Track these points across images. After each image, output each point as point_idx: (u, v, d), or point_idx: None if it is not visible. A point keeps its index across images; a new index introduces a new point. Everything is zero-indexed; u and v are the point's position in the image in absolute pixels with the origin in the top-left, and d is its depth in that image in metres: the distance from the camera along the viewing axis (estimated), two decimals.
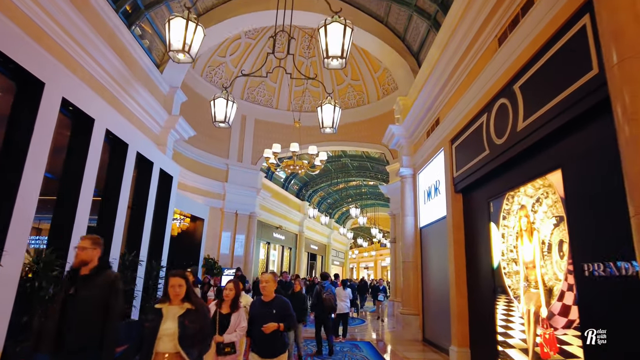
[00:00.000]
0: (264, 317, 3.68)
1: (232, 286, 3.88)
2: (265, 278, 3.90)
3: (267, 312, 3.72)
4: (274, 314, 3.70)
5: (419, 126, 8.68)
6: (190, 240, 14.59)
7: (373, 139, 16.38)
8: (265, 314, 3.71)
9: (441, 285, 7.33)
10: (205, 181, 15.09)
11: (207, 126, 16.02)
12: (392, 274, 14.30)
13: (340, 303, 8.50)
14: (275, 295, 3.90)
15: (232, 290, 3.85)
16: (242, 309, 3.83)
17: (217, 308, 3.81)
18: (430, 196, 8.05)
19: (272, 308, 3.76)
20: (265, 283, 3.87)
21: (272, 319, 3.67)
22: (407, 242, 8.85)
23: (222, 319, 3.73)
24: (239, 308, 3.79)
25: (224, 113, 7.36)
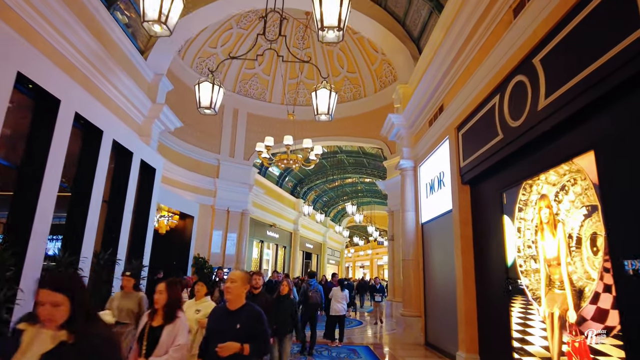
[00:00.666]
0: (224, 333, 2.60)
1: (164, 288, 2.86)
2: (232, 276, 2.81)
3: (229, 326, 2.64)
4: (238, 330, 2.62)
5: (420, 115, 8.11)
6: (180, 239, 13.95)
7: (370, 133, 15.81)
8: (226, 329, 2.63)
9: (446, 285, 6.77)
10: (195, 177, 14.45)
11: (198, 120, 15.39)
12: (390, 272, 13.75)
13: (337, 304, 7.93)
14: (245, 302, 2.80)
15: (163, 293, 2.84)
16: (180, 320, 2.82)
17: (148, 319, 2.86)
18: (433, 189, 7.49)
19: (237, 320, 2.67)
20: (231, 283, 2.74)
21: (233, 335, 2.58)
22: (407, 239, 8.29)
23: (151, 333, 2.75)
24: (175, 319, 2.80)
25: (209, 98, 6.75)
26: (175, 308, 2.85)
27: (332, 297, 8.09)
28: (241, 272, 2.89)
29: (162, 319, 2.80)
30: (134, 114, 8.46)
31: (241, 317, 2.69)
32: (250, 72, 16.43)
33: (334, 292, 8.07)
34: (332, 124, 16.89)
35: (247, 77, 16.49)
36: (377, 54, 15.26)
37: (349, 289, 9.30)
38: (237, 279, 2.77)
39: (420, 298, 7.96)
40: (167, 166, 13.20)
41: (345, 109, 16.66)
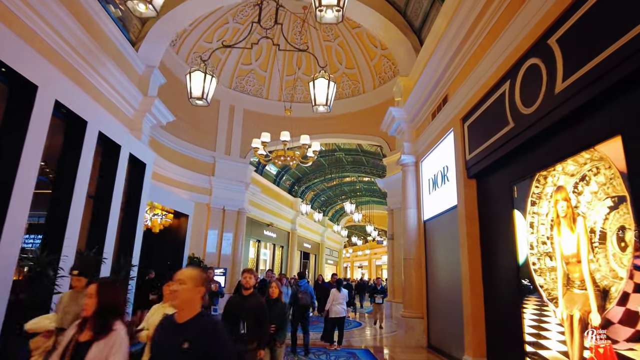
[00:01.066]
0: (167, 353, 1.99)
1: (94, 291, 2.18)
2: (179, 276, 2.08)
3: (174, 344, 1.95)
4: (185, 351, 1.91)
5: (422, 107, 7.78)
6: (174, 238, 13.57)
7: (369, 130, 15.48)
8: (170, 347, 1.97)
9: (450, 285, 6.44)
10: (190, 175, 14.08)
11: (193, 116, 15.04)
12: (390, 272, 13.42)
13: (336, 306, 7.57)
14: (198, 312, 2.06)
15: (93, 297, 2.16)
16: (116, 334, 2.13)
17: (74, 332, 2.17)
18: (437, 185, 7.15)
19: (184, 336, 1.96)
20: (178, 285, 2.03)
21: (177, 356, 1.93)
22: (409, 237, 7.95)
23: (77, 351, 2.07)
24: (108, 332, 2.11)
25: (201, 88, 6.42)
26: (109, 318, 2.15)
27: (331, 298, 7.71)
28: (193, 270, 2.15)
29: (92, 331, 2.11)
30: (124, 107, 8.10)
31: (191, 331, 1.98)
32: (247, 68, 16.08)
33: (333, 293, 7.70)
34: (331, 120, 16.57)
35: (243, 73, 16.14)
36: (376, 49, 14.94)
37: (347, 289, 8.92)
38: (186, 280, 2.05)
39: (422, 298, 7.62)
40: (162, 163, 12.84)
41: (343, 105, 16.33)
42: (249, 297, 3.95)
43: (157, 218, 12.40)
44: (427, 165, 7.77)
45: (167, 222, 13.09)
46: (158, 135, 12.85)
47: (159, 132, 12.93)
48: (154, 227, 12.59)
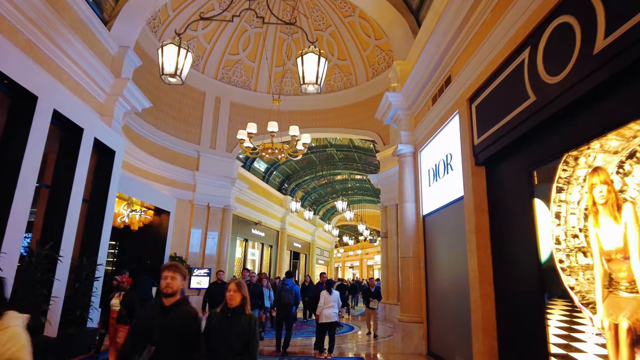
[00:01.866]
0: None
1: None
2: None
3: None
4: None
5: (422, 92, 7.10)
6: (154, 236, 12.75)
7: (362, 123, 14.82)
8: None
9: (454, 286, 5.77)
10: (172, 169, 13.25)
11: (176, 108, 14.21)
12: (384, 272, 12.74)
13: (327, 310, 6.84)
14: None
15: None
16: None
17: None
18: (438, 176, 6.48)
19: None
20: None
21: None
22: (406, 234, 7.27)
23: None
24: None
25: (174, 64, 5.63)
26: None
27: (321, 302, 6.95)
28: None
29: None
30: (94, 90, 7.29)
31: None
32: (234, 58, 15.30)
33: (323, 295, 6.96)
34: (322, 114, 15.88)
35: (230, 63, 15.35)
36: (370, 39, 14.28)
37: (340, 290, 8.19)
38: None
39: (421, 301, 6.94)
40: (141, 156, 12.01)
41: (335, 98, 15.65)
42: (172, 308, 2.57)
43: (136, 214, 11.55)
44: (427, 155, 7.10)
45: (147, 219, 12.27)
46: (137, 127, 12.02)
47: (139, 123, 12.11)
48: (133, 224, 11.76)
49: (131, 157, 11.58)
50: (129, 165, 11.46)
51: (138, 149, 11.82)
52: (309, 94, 16.18)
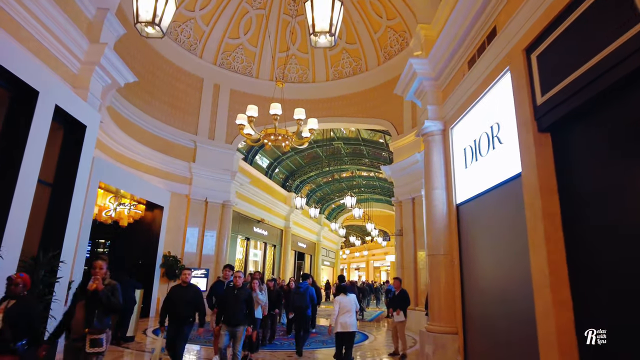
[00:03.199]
0: None
1: None
2: None
3: None
4: None
5: (454, 55, 5.91)
6: (146, 233, 11.63)
7: (374, 112, 13.64)
8: None
9: (505, 289, 4.57)
10: (166, 160, 12.13)
11: (171, 94, 13.08)
12: (398, 274, 11.52)
13: (343, 317, 5.67)
14: None
15: None
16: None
17: None
18: (478, 154, 5.28)
19: None
20: None
21: None
22: (435, 227, 6.06)
23: None
24: None
25: (152, 9, 4.48)
26: None
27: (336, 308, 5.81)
28: None
29: None
30: (63, 56, 6.16)
31: None
32: (235, 43, 14.17)
33: (339, 301, 5.79)
34: (329, 103, 14.71)
35: (230, 48, 14.22)
36: (381, 19, 13.11)
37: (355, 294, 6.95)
38: None
39: (455, 308, 5.72)
40: (131, 145, 10.90)
41: (343, 85, 14.48)
42: None
43: (124, 208, 10.42)
44: (461, 132, 5.89)
45: (138, 214, 11.15)
46: (127, 112, 10.92)
47: (129, 108, 11.02)
48: (122, 219, 10.63)
49: (120, 145, 10.48)
50: (116, 153, 10.36)
51: (127, 137, 10.71)
52: (315, 82, 15.18)
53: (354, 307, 5.90)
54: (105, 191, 10.10)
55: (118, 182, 9.96)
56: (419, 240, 10.87)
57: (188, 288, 5.15)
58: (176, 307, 5.03)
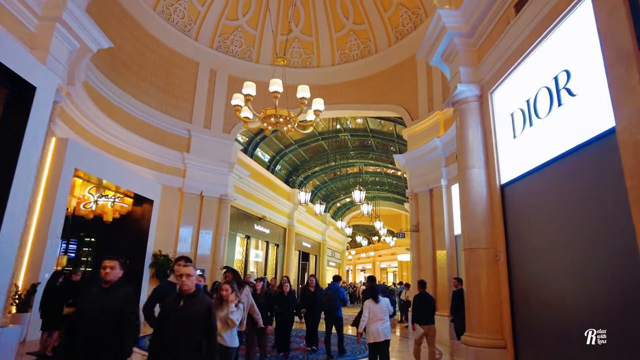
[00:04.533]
0: None
1: None
2: None
3: None
4: None
5: (494, 2, 4.74)
6: (134, 230, 10.50)
7: (384, 97, 12.47)
8: None
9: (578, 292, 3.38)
10: (157, 150, 11.01)
11: (163, 78, 11.94)
12: (414, 274, 10.34)
13: (375, 325, 4.73)
14: None
15: None
16: None
17: None
18: (533, 117, 4.11)
19: None
20: None
21: None
22: (473, 214, 4.89)
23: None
24: None
25: None
26: None
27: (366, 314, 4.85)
28: None
29: None
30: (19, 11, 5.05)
31: None
32: (233, 24, 13.06)
33: (367, 306, 4.85)
34: (335, 89, 13.54)
35: (228, 30, 13.11)
36: None
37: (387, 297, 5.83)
38: None
39: (502, 314, 4.53)
40: (117, 131, 9.79)
41: (351, 70, 13.32)
42: None
43: (108, 201, 9.30)
44: (505, 94, 4.73)
45: (124, 208, 10.03)
46: (113, 96, 9.83)
47: (115, 92, 9.93)
48: (106, 213, 9.52)
49: (103, 130, 9.38)
50: (99, 140, 9.26)
51: (112, 122, 9.60)
52: (320, 67, 14.03)
53: (387, 313, 4.98)
54: (85, 181, 8.99)
55: (100, 172, 8.85)
56: (437, 237, 9.68)
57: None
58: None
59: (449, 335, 8.73)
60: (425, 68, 11.12)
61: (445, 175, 9.57)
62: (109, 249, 10.12)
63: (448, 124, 9.66)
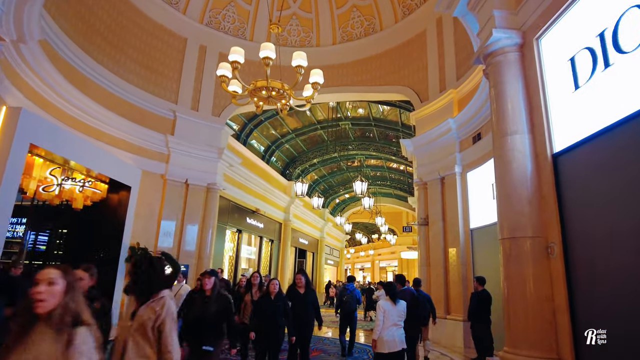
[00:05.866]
0: None
1: None
2: None
3: None
4: None
5: None
6: (110, 219, 9.35)
7: (390, 78, 11.35)
8: None
9: None
10: (137, 131, 9.87)
11: (146, 53, 10.73)
12: (423, 273, 9.22)
13: (390, 332, 4.14)
14: None
15: None
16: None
17: None
18: (609, 57, 2.99)
19: None
20: None
21: None
22: (513, 192, 3.76)
23: None
24: None
25: None
26: None
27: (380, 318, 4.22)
28: None
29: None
30: None
31: None
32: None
33: (382, 307, 4.25)
34: (336, 70, 12.38)
35: (219, 5, 11.96)
36: None
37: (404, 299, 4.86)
38: None
39: (556, 325, 3.42)
40: (91, 109, 8.62)
41: (353, 49, 12.18)
42: None
43: (76, 186, 8.16)
44: (560, 37, 3.62)
45: (97, 194, 8.89)
46: (86, 68, 8.72)
47: (89, 63, 8.79)
48: (75, 200, 8.39)
49: (73, 106, 8.23)
50: (67, 116, 8.12)
51: (84, 97, 8.47)
52: (320, 47, 12.90)
53: (403, 318, 4.46)
54: (48, 161, 7.85)
55: (65, 150, 7.70)
56: (450, 231, 8.57)
57: None
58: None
59: (462, 341, 7.64)
60: (436, 43, 10.02)
61: (460, 161, 8.47)
62: (79, 241, 9.00)
63: (463, 103, 8.55)
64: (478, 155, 7.90)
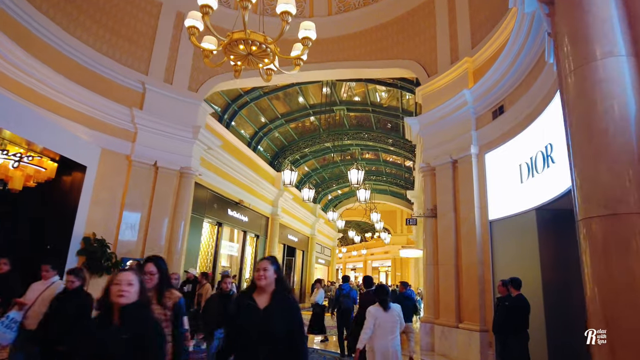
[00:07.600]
0: None
1: None
2: None
3: None
4: None
5: None
6: (59, 205, 7.89)
7: (393, 51, 10.01)
8: None
9: None
10: (97, 102, 8.42)
11: (113, 16, 9.06)
12: (430, 273, 7.87)
13: (383, 341, 3.75)
14: None
15: None
16: None
17: None
18: None
19: None
20: None
21: None
22: (606, 147, 2.35)
23: None
24: None
25: None
26: None
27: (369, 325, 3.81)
28: None
29: None
30: None
31: None
32: None
33: (371, 313, 3.83)
34: (333, 44, 10.95)
35: None
36: None
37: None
38: None
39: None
40: (39, 72, 7.11)
41: (352, 21, 10.79)
42: None
43: (10, 161, 6.68)
44: None
45: (42, 173, 7.42)
46: (35, 24, 7.33)
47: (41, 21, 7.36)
48: (13, 179, 6.92)
49: (15, 67, 6.78)
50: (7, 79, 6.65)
51: (32, 59, 7.05)
52: (314, 17, 11.52)
53: (398, 326, 4.02)
54: None
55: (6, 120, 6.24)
56: (463, 224, 7.25)
57: None
58: None
59: (479, 356, 6.31)
60: (446, 7, 8.72)
61: (476, 141, 7.16)
62: (18, 228, 7.50)
63: (480, 73, 7.25)
64: (500, 132, 6.61)
